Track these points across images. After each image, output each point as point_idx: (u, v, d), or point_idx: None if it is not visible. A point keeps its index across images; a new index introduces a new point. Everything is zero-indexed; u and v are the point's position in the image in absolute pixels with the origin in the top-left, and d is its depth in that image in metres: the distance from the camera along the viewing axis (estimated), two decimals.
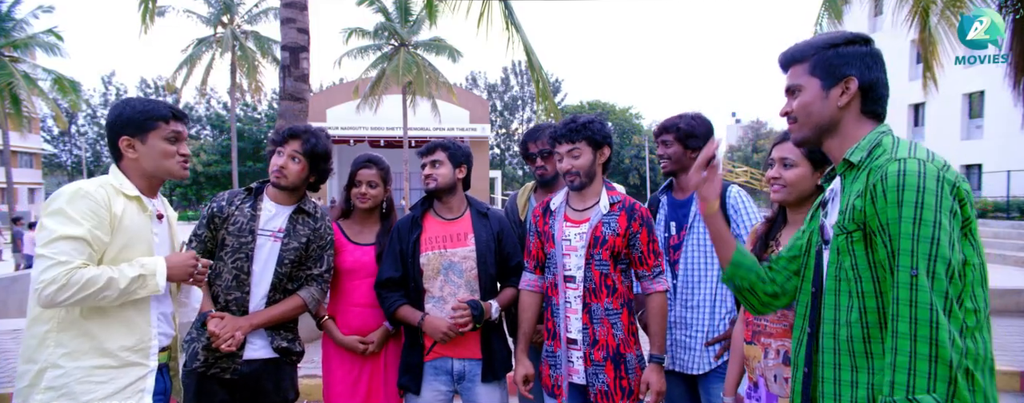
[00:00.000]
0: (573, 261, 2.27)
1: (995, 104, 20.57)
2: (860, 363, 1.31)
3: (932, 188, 1.21)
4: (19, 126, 23.27)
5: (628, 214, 2.27)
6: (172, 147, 1.91)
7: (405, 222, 2.52)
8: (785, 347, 1.83)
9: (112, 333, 1.79)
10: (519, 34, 7.04)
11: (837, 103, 1.40)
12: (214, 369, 2.31)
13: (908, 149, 1.30)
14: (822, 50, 1.42)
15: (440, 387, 2.44)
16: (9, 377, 4.80)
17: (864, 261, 1.30)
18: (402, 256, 2.46)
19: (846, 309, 1.33)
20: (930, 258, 1.18)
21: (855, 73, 1.39)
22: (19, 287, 8.24)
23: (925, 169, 1.22)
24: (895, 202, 1.22)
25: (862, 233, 1.30)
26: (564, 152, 2.27)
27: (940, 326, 1.16)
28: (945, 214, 1.20)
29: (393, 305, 2.45)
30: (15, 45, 22.89)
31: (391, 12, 26.07)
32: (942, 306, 1.17)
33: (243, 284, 2.34)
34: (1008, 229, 14.54)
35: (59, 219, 1.73)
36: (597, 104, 49.16)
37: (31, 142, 42.31)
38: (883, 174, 1.26)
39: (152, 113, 1.88)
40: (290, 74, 5.45)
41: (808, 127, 1.45)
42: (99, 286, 1.70)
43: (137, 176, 1.90)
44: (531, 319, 2.40)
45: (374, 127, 30.49)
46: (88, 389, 1.74)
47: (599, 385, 2.23)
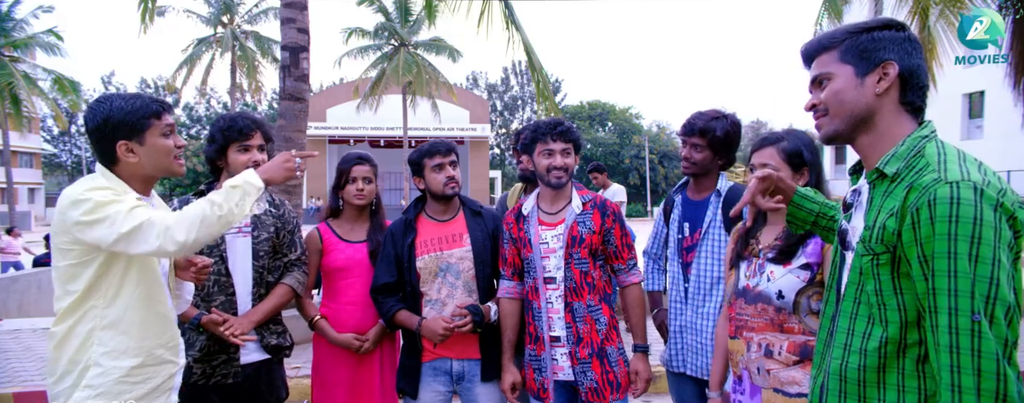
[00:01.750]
0: (552, 262, 2.29)
1: (995, 104, 20.57)
2: (870, 394, 1.20)
3: (990, 220, 1.06)
4: (19, 126, 23.30)
5: (601, 211, 2.32)
6: (169, 142, 1.77)
7: (398, 226, 2.50)
8: (767, 340, 1.84)
9: (149, 330, 1.75)
10: (519, 34, 7.04)
11: (874, 90, 1.23)
12: (215, 378, 2.31)
13: (959, 166, 1.12)
14: (855, 35, 1.27)
15: (439, 388, 2.44)
16: (10, 377, 4.80)
17: (891, 287, 1.17)
18: (397, 260, 2.44)
19: (863, 335, 1.21)
20: (989, 300, 1.05)
21: (894, 57, 1.23)
22: (19, 287, 8.23)
23: (983, 197, 1.07)
24: (946, 235, 1.07)
25: (891, 257, 1.16)
26: (558, 150, 2.30)
27: (1007, 379, 1.03)
28: (1004, 250, 1.06)
29: (390, 310, 2.44)
30: (15, 45, 22.91)
31: (391, 12, 26.09)
32: (1004, 354, 1.05)
33: (225, 287, 2.33)
34: None
35: (104, 211, 1.60)
36: (597, 104, 49.11)
37: (31, 142, 42.29)
38: (931, 198, 1.09)
39: (144, 111, 1.73)
40: (290, 74, 5.45)
41: (841, 118, 1.27)
42: (204, 211, 1.64)
43: (135, 179, 1.77)
44: (514, 326, 2.41)
45: (374, 127, 30.51)
46: (125, 389, 1.71)
47: (588, 383, 2.26)
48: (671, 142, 46.97)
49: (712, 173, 2.52)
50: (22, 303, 8.10)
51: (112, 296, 1.71)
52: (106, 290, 1.70)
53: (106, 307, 1.70)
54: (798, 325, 1.80)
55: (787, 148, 1.88)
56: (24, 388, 4.41)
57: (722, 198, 2.44)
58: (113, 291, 1.71)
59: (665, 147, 45.80)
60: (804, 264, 1.79)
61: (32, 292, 8.15)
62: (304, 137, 5.58)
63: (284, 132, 5.31)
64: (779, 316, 1.82)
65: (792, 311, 1.80)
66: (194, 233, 1.62)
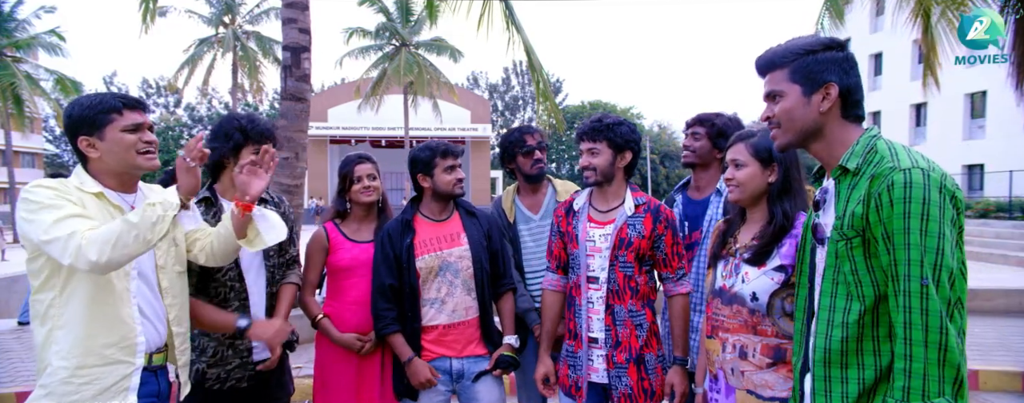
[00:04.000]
0: (597, 262, 2.25)
1: (997, 104, 20.55)
2: (850, 360, 1.38)
3: (936, 199, 1.26)
4: (21, 126, 23.34)
5: (653, 216, 2.25)
6: (132, 137, 1.79)
7: (395, 226, 2.49)
8: (741, 342, 1.85)
9: (96, 330, 1.73)
10: (520, 34, 7.04)
11: (819, 109, 1.44)
12: (230, 382, 2.32)
13: (908, 156, 1.33)
14: (801, 56, 1.45)
15: (439, 387, 2.44)
16: (11, 376, 4.82)
17: (864, 266, 1.35)
18: (397, 261, 2.44)
19: (843, 310, 1.39)
20: (936, 267, 1.25)
21: (835, 79, 1.43)
22: (20, 287, 8.26)
23: (930, 180, 1.27)
24: (902, 213, 1.27)
25: (862, 239, 1.35)
26: (584, 149, 2.28)
27: (949, 332, 1.23)
28: (947, 224, 1.27)
29: (386, 329, 2.44)
30: (17, 45, 22.96)
31: (392, 12, 26.11)
32: (947, 312, 1.25)
33: (240, 293, 2.33)
34: (1011, 229, 14.51)
35: (37, 216, 1.64)
36: (598, 104, 49.04)
37: (33, 142, 42.37)
38: (889, 183, 1.29)
39: (102, 107, 1.77)
40: (292, 74, 5.45)
41: (792, 132, 1.49)
42: (119, 230, 1.62)
43: (106, 175, 1.81)
44: (554, 318, 2.40)
45: (375, 127, 30.54)
46: (70, 390, 1.69)
47: (623, 388, 2.21)
48: (672, 142, 46.93)
49: (711, 167, 2.53)
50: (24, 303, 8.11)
51: (67, 294, 1.71)
52: (60, 288, 1.71)
53: (62, 306, 1.71)
54: (771, 328, 1.81)
55: (756, 144, 1.89)
56: (26, 388, 4.42)
57: (723, 197, 2.43)
58: (68, 289, 1.71)
59: (666, 147, 45.78)
60: (779, 266, 1.80)
61: None
62: (305, 137, 5.59)
63: (285, 132, 5.31)
64: (753, 318, 1.82)
65: (766, 313, 1.81)
66: (107, 253, 1.59)
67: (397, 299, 2.45)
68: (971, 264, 12.27)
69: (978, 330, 5.85)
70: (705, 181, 2.56)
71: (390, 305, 2.44)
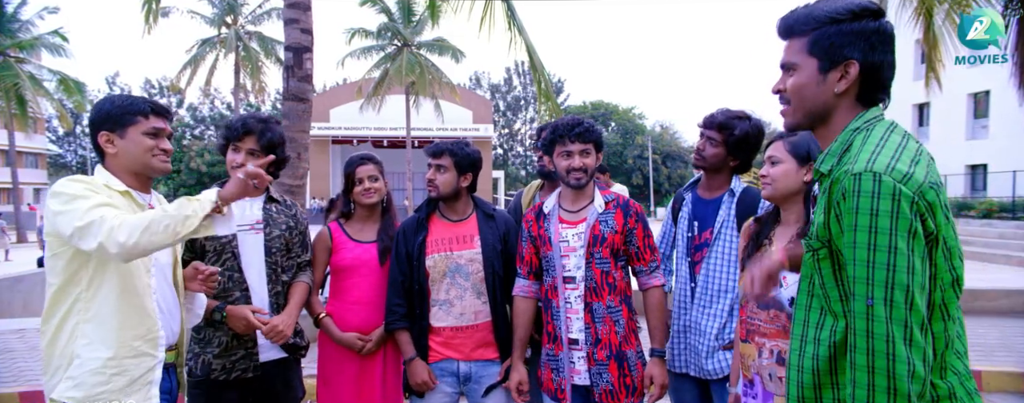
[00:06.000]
0: (572, 262, 2.27)
1: (1000, 104, 20.47)
2: (824, 380, 1.24)
3: (886, 209, 1.10)
4: (25, 126, 23.46)
5: (623, 211, 2.30)
6: (152, 142, 1.86)
7: (411, 224, 2.50)
8: (779, 347, 1.83)
9: (125, 321, 1.77)
10: (521, 35, 7.03)
11: (834, 89, 1.26)
12: (235, 373, 2.33)
13: (868, 157, 1.16)
14: (824, 24, 1.26)
15: (445, 389, 2.43)
16: (14, 376, 4.83)
17: (832, 280, 1.22)
18: (408, 258, 2.45)
19: (816, 326, 1.26)
20: (887, 286, 1.10)
21: (857, 56, 1.23)
22: (23, 287, 8.28)
23: (880, 187, 1.11)
24: (850, 226, 1.13)
25: (828, 251, 1.22)
26: (577, 151, 2.27)
27: (897, 359, 1.09)
28: (902, 237, 1.10)
29: (394, 325, 2.45)
30: (21, 46, 23.05)
31: (394, 13, 26.12)
32: (903, 336, 1.09)
33: (239, 283, 2.35)
34: (1014, 229, 14.49)
35: (71, 205, 1.67)
36: (600, 104, 49.03)
37: (36, 142, 42.47)
38: (842, 192, 1.15)
39: (131, 108, 1.85)
40: (294, 74, 5.46)
41: (800, 112, 1.32)
42: (153, 217, 1.65)
43: (122, 173, 1.87)
44: (526, 325, 2.39)
45: (377, 127, 30.57)
46: (101, 380, 1.73)
47: (603, 385, 2.23)
48: (674, 142, 46.90)
49: (723, 171, 2.45)
50: (27, 302, 8.15)
51: (95, 288, 1.75)
52: (87, 282, 1.74)
53: (89, 301, 1.75)
54: None
55: (796, 142, 1.88)
56: (29, 387, 4.43)
57: (736, 198, 2.39)
58: (96, 283, 1.75)
59: (668, 147, 45.74)
60: None
61: (37, 291, 8.20)
62: (307, 137, 5.59)
63: (287, 132, 5.31)
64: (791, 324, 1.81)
65: None
66: (135, 237, 1.62)
67: (408, 296, 2.46)
68: (974, 264, 12.31)
69: (981, 331, 5.84)
70: (717, 183, 2.48)
71: (402, 301, 2.45)
